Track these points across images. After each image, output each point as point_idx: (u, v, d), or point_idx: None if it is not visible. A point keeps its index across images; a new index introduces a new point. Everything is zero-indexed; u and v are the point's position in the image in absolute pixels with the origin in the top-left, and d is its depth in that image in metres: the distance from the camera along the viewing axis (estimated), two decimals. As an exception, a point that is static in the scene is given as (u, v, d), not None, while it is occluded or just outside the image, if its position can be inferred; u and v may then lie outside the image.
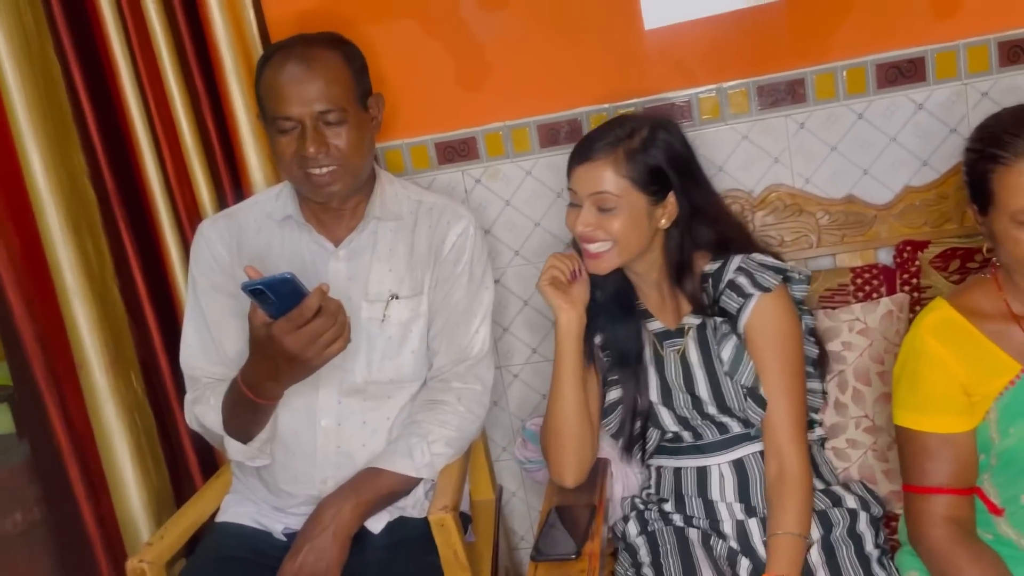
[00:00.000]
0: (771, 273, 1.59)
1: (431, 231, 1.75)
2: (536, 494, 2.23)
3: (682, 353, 1.64)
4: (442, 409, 1.71)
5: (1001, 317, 1.43)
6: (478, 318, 1.76)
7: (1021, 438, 1.38)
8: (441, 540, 1.58)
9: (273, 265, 1.71)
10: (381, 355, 1.71)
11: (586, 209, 1.58)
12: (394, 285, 1.72)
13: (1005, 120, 1.37)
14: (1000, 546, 1.42)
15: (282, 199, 1.76)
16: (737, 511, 1.61)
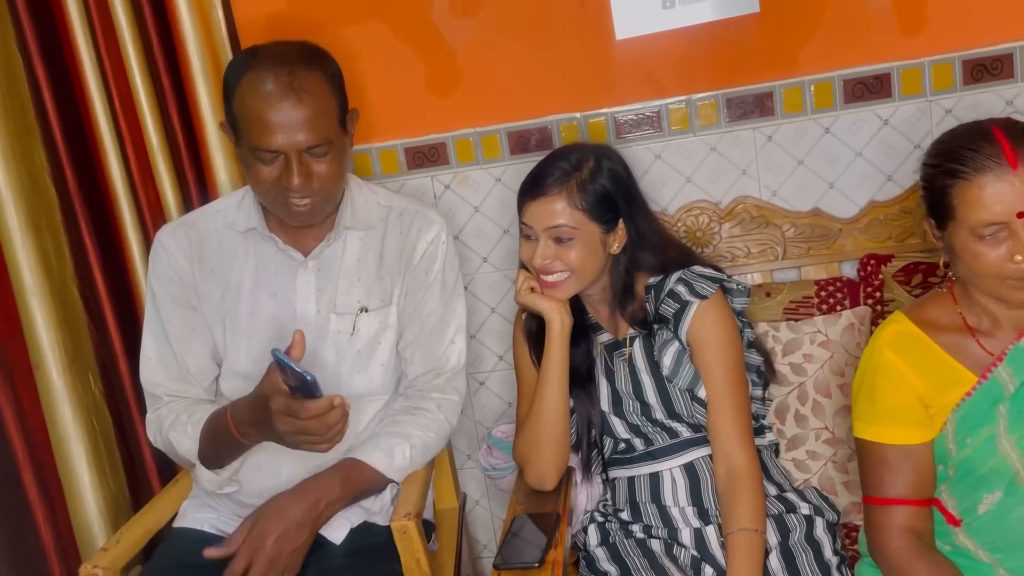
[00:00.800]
0: (708, 282, 1.64)
1: (402, 238, 1.72)
2: (500, 502, 2.22)
3: (629, 361, 1.67)
4: (424, 415, 1.70)
5: (957, 330, 1.45)
6: (452, 328, 1.75)
7: (978, 449, 1.41)
8: (404, 548, 1.56)
9: (237, 276, 1.69)
10: (350, 369, 1.68)
11: (543, 243, 1.61)
12: (363, 297, 1.69)
13: (962, 135, 1.39)
14: (958, 557, 1.44)
15: (245, 209, 1.71)
16: (691, 516, 1.62)
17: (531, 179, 1.65)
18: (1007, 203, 1.31)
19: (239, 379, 1.68)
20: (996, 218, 1.32)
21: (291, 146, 1.52)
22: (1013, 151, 1.31)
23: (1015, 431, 1.39)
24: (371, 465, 1.62)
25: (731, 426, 1.59)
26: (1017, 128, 1.35)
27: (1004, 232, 1.32)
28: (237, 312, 1.69)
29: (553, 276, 1.63)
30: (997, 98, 1.87)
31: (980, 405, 1.41)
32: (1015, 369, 1.40)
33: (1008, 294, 1.37)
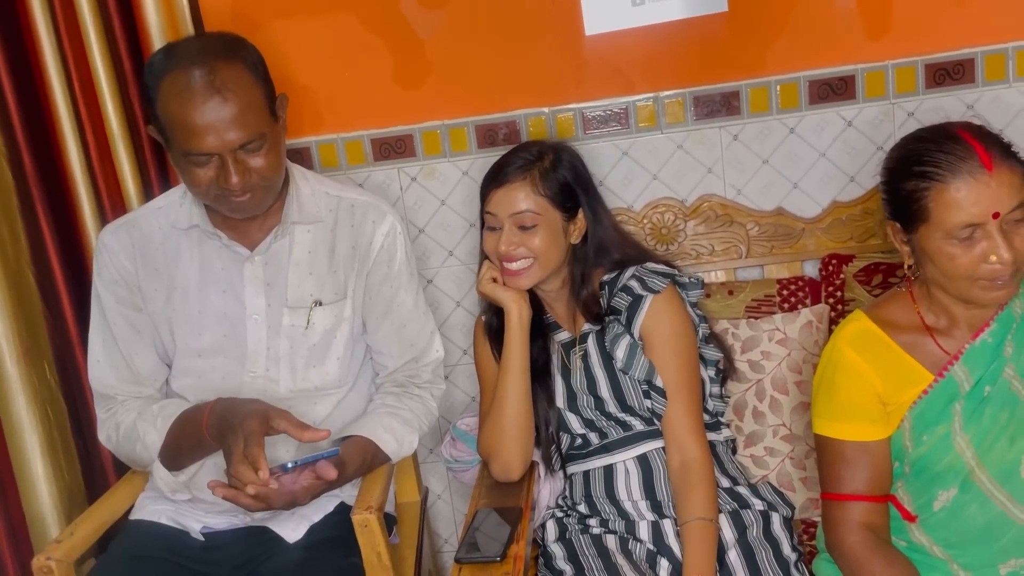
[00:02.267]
0: (660, 277, 1.67)
1: (354, 231, 1.70)
2: (462, 496, 2.22)
3: (584, 357, 1.69)
4: (421, 402, 1.73)
5: (915, 329, 1.48)
6: (423, 312, 1.77)
7: (933, 446, 1.43)
8: (364, 541, 1.55)
9: (183, 275, 1.65)
10: (305, 363, 1.67)
11: (507, 230, 1.65)
12: (315, 290, 1.67)
13: (930, 139, 1.40)
14: (913, 553, 1.46)
15: (186, 205, 1.66)
16: (644, 510, 1.64)
17: (494, 170, 1.70)
18: (984, 205, 1.33)
19: (192, 376, 1.66)
20: (973, 219, 1.34)
21: (223, 146, 1.47)
22: (987, 153, 1.34)
23: (970, 429, 1.41)
24: (384, 451, 1.64)
25: (685, 418, 1.63)
26: (982, 131, 1.38)
27: (979, 233, 1.34)
28: (186, 311, 1.66)
29: (517, 264, 1.66)
30: (958, 102, 1.90)
31: (936, 403, 1.43)
32: (971, 368, 1.43)
33: (978, 295, 1.39)
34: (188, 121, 1.45)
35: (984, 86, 1.90)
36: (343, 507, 1.71)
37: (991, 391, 1.41)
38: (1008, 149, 1.37)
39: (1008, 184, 1.32)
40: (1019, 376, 1.41)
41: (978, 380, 1.42)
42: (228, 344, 1.65)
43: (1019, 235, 1.34)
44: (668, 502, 1.64)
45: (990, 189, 1.32)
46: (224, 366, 1.66)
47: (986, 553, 1.41)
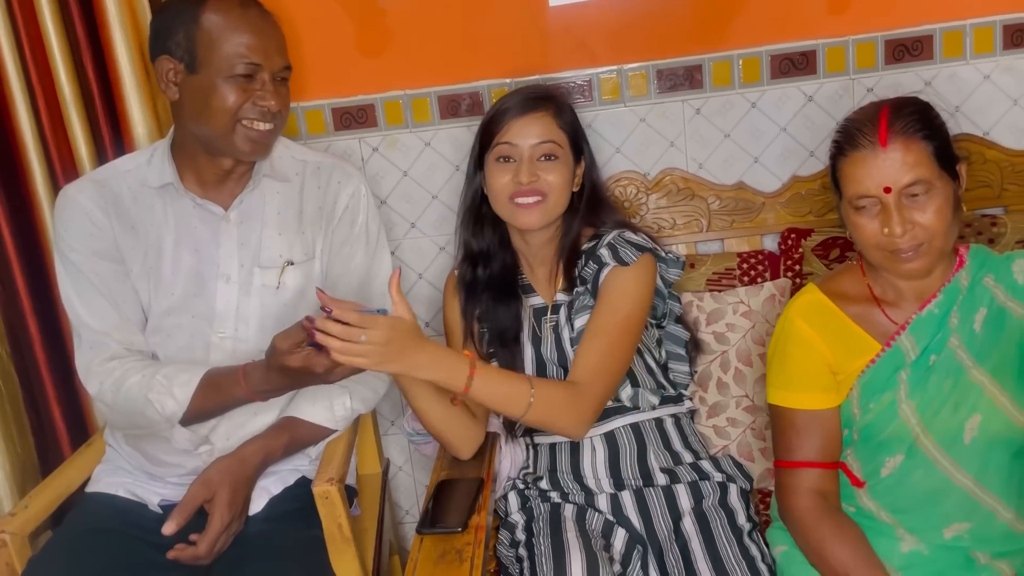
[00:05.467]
0: (632, 249, 1.64)
1: (320, 192, 1.71)
2: (423, 468, 2.22)
3: (555, 328, 1.68)
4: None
5: (864, 300, 1.52)
6: (380, 278, 1.75)
7: (880, 413, 1.47)
8: (326, 513, 1.55)
9: (157, 233, 1.64)
10: (275, 323, 1.65)
11: (528, 161, 1.62)
12: (286, 250, 1.67)
13: (858, 113, 1.47)
14: (861, 518, 1.50)
15: (156, 164, 1.66)
16: (607, 486, 1.65)
17: (513, 100, 1.66)
18: (875, 178, 1.39)
19: (160, 335, 1.65)
20: (866, 191, 1.40)
21: (271, 63, 1.56)
22: (887, 130, 1.39)
23: (915, 397, 1.45)
24: (313, 422, 1.64)
25: (594, 362, 1.57)
26: (906, 109, 1.41)
27: (878, 206, 1.40)
28: (160, 269, 1.64)
29: (532, 200, 1.62)
30: (916, 78, 1.93)
31: (883, 372, 1.47)
32: (917, 337, 1.46)
33: (890, 266, 1.44)
34: (242, 32, 1.54)
35: (942, 62, 1.92)
36: (304, 480, 1.70)
37: (936, 360, 1.45)
38: (927, 127, 1.40)
39: (902, 160, 1.37)
40: (964, 346, 1.45)
41: (924, 349, 1.46)
42: (196, 303, 1.65)
43: (920, 210, 1.38)
44: (632, 477, 1.65)
45: (884, 164, 1.38)
46: (191, 325, 1.65)
47: (931, 517, 1.45)
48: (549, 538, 1.55)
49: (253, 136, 1.57)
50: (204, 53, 1.53)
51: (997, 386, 1.43)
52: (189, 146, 1.62)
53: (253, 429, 1.65)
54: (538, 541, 1.56)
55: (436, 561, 1.45)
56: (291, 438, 1.64)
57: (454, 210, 2.05)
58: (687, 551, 1.55)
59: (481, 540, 1.49)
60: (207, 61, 1.54)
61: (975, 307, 1.46)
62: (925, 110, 1.43)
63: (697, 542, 1.56)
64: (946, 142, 1.42)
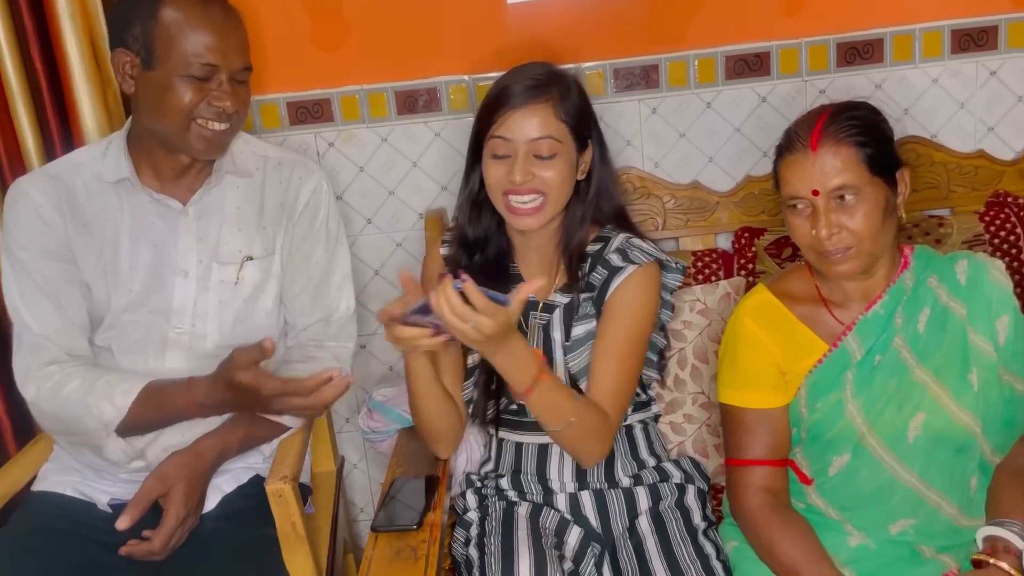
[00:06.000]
0: (644, 255, 1.59)
1: (282, 188, 1.70)
2: (378, 465, 2.21)
3: (546, 328, 1.64)
4: (319, 363, 1.68)
5: (812, 301, 1.54)
6: (338, 275, 1.74)
7: (826, 412, 1.50)
8: (279, 511, 1.54)
9: (113, 229, 1.60)
10: (234, 319, 1.65)
11: (523, 158, 1.51)
12: (245, 246, 1.66)
13: (800, 118, 1.51)
14: (810, 514, 1.52)
15: (112, 158, 1.62)
16: (570, 488, 1.65)
17: (506, 88, 1.53)
18: (805, 181, 1.43)
19: (116, 329, 1.62)
20: (796, 193, 1.44)
21: (228, 64, 1.52)
22: (820, 134, 1.42)
23: (860, 396, 1.48)
24: (270, 418, 1.62)
25: (612, 386, 1.55)
26: (844, 115, 1.44)
27: (809, 208, 1.44)
28: (116, 266, 1.61)
29: (527, 199, 1.52)
30: (867, 81, 1.96)
31: (830, 371, 1.50)
32: (863, 338, 1.49)
33: (820, 265, 1.48)
34: (201, 31, 1.49)
35: (892, 66, 1.96)
36: (257, 479, 1.69)
37: (881, 360, 1.48)
38: (863, 133, 1.43)
39: (831, 165, 1.41)
40: (908, 346, 1.48)
41: (869, 349, 1.49)
42: (154, 298, 1.62)
43: (848, 214, 1.42)
44: (596, 480, 1.64)
45: (813, 167, 1.42)
46: (148, 321, 1.62)
47: (877, 514, 1.48)
48: (500, 537, 1.54)
49: (207, 135, 1.55)
50: (161, 49, 1.50)
51: (940, 385, 1.46)
52: (146, 140, 1.60)
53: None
54: (489, 540, 1.56)
55: (391, 559, 1.45)
56: (247, 433, 1.62)
57: (411, 206, 2.06)
58: (642, 550, 1.56)
59: (436, 538, 1.49)
60: (164, 58, 1.50)
61: (919, 307, 1.50)
62: (866, 116, 1.46)
63: (652, 541, 1.57)
64: (884, 148, 1.45)
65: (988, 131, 2.00)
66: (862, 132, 1.43)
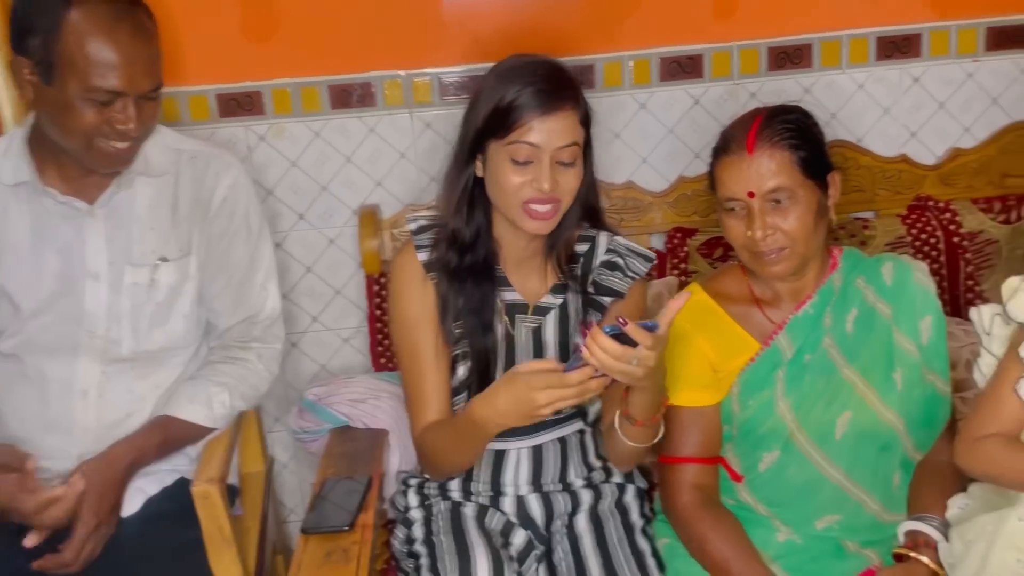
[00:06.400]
0: (641, 260, 1.61)
1: (196, 183, 1.62)
2: (309, 466, 2.17)
3: (537, 332, 1.60)
4: (243, 365, 1.64)
5: (745, 301, 1.57)
6: (262, 272, 1.69)
7: (757, 410, 1.52)
8: (205, 514, 1.50)
9: (13, 236, 1.53)
10: (149, 323, 1.59)
11: (549, 165, 1.45)
12: (159, 246, 1.59)
13: (735, 120, 1.54)
14: (740, 510, 1.55)
15: (11, 159, 1.54)
16: (523, 491, 1.63)
17: (531, 90, 1.44)
18: (740, 183, 1.45)
19: (23, 336, 1.56)
20: (732, 194, 1.47)
21: (134, 87, 1.43)
22: (755, 137, 1.45)
23: (790, 394, 1.51)
24: (190, 421, 1.57)
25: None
26: (778, 119, 1.47)
27: (745, 210, 1.47)
28: (19, 273, 1.54)
29: (547, 207, 1.47)
30: (796, 85, 2.00)
31: (761, 370, 1.53)
32: (793, 337, 1.53)
33: (753, 265, 1.51)
34: (106, 55, 1.40)
35: (820, 71, 2.01)
36: (182, 481, 1.64)
37: (811, 359, 1.51)
38: (796, 137, 1.46)
39: (766, 168, 1.44)
40: (836, 345, 1.52)
41: (799, 348, 1.52)
42: (64, 303, 1.56)
43: (782, 216, 1.45)
44: (550, 483, 1.63)
45: (748, 170, 1.45)
46: (58, 326, 1.56)
47: (804, 510, 1.51)
48: (451, 536, 1.52)
49: (110, 152, 1.47)
50: (62, 67, 1.40)
51: (866, 384, 1.50)
52: (49, 141, 1.50)
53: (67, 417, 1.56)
54: (439, 539, 1.53)
55: (322, 561, 1.43)
56: (165, 438, 1.57)
57: (344, 202, 2.02)
58: (578, 548, 1.57)
59: (368, 539, 1.47)
60: (65, 76, 1.40)
61: (847, 308, 1.53)
62: (799, 120, 1.49)
63: (589, 539, 1.57)
64: (816, 152, 1.49)
65: (911, 136, 2.06)
66: (795, 136, 1.46)
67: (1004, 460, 1.28)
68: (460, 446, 1.50)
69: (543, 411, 1.33)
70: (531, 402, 1.32)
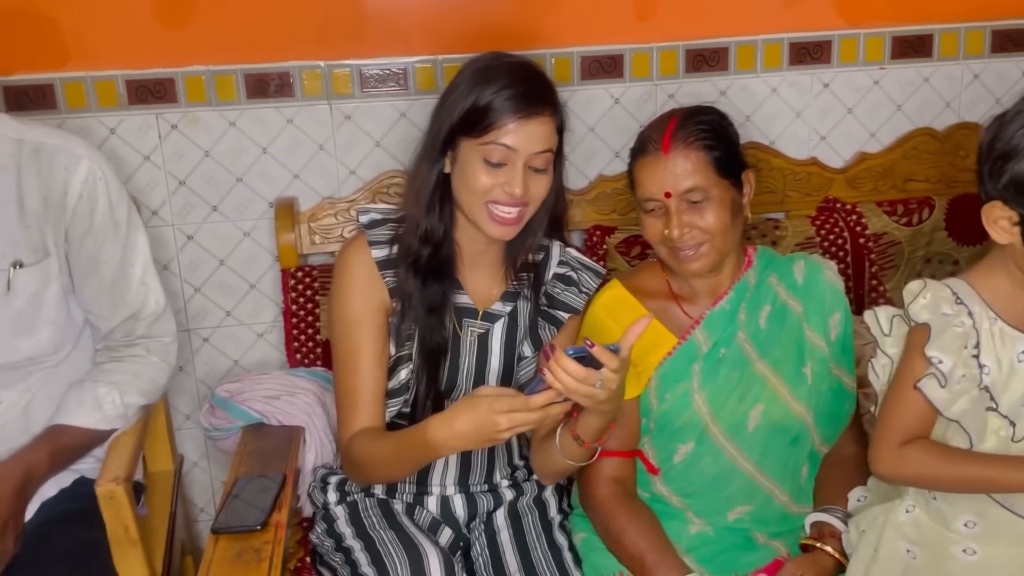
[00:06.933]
0: (592, 274, 1.63)
1: (43, 179, 1.48)
2: (221, 464, 2.12)
3: (484, 338, 1.59)
4: (133, 361, 1.58)
5: (664, 296, 1.61)
6: (138, 267, 1.60)
7: (674, 403, 1.55)
8: (110, 514, 1.45)
9: None
10: (11, 333, 1.49)
11: (521, 170, 1.43)
12: (9, 250, 1.47)
13: (653, 121, 1.57)
14: (654, 503, 1.57)
15: None
16: (449, 492, 1.62)
17: (510, 92, 1.42)
18: (657, 183, 1.49)
19: None
20: (649, 195, 1.50)
21: None
22: (671, 138, 1.48)
23: (706, 387, 1.54)
24: (82, 427, 1.50)
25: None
26: (692, 119, 1.51)
27: (662, 208, 1.50)
28: None
29: (514, 211, 1.45)
30: (713, 88, 2.04)
31: (678, 364, 1.56)
32: (709, 332, 1.56)
33: (671, 262, 1.54)
34: None
35: (736, 74, 2.05)
36: (82, 481, 1.58)
37: (726, 353, 1.55)
38: (711, 138, 1.49)
39: (681, 168, 1.47)
40: (750, 340, 1.56)
41: (715, 343, 1.56)
42: None
43: (698, 214, 1.49)
44: (477, 481, 1.62)
45: (665, 170, 1.48)
46: None
47: (717, 501, 1.55)
48: (392, 530, 1.49)
49: None
50: None
51: (778, 377, 1.55)
52: None
53: None
54: (377, 533, 1.49)
55: (232, 561, 1.39)
56: (56, 448, 1.48)
57: (260, 194, 1.98)
58: (495, 543, 1.57)
59: (282, 538, 1.44)
60: None
61: (761, 304, 1.58)
62: (714, 120, 1.53)
63: (507, 534, 1.57)
64: (731, 151, 1.52)
65: (820, 140, 2.13)
66: (710, 136, 1.49)
67: (936, 466, 1.29)
68: (402, 462, 1.47)
69: (503, 435, 1.31)
70: (493, 425, 1.30)
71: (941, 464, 1.28)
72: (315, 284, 1.89)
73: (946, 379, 1.26)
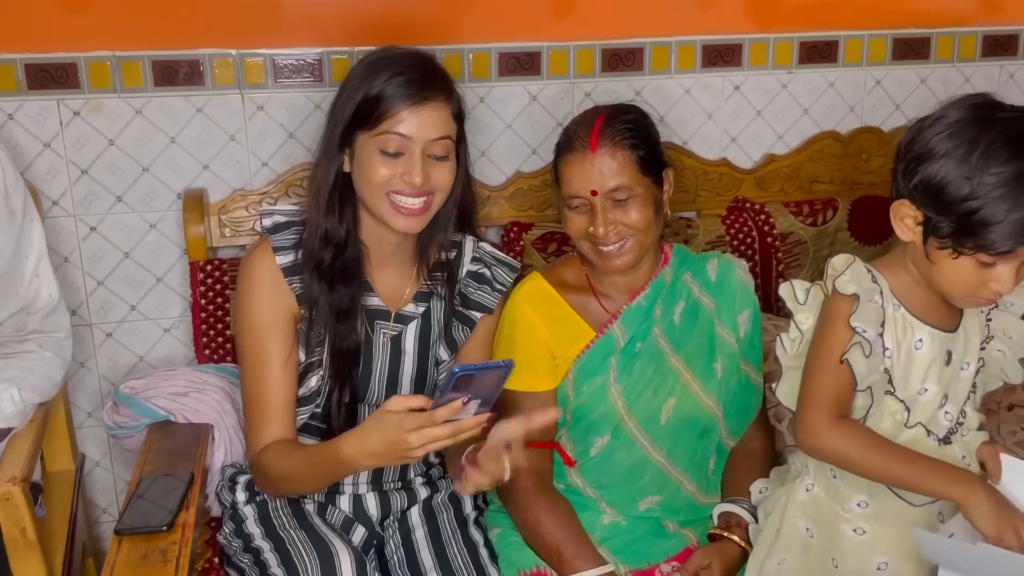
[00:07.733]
0: (507, 269, 1.63)
1: None
2: (125, 463, 2.05)
3: (396, 341, 1.56)
4: (25, 357, 1.52)
5: (583, 290, 1.63)
6: (32, 259, 1.55)
7: (591, 396, 1.58)
8: (6, 516, 1.40)
9: None
10: None
11: (420, 159, 1.41)
12: None
13: (577, 118, 1.58)
14: (570, 494, 1.60)
15: None
16: (361, 490, 1.61)
17: (400, 80, 1.41)
18: (584, 181, 1.51)
19: None
20: (575, 192, 1.52)
21: None
22: (598, 135, 1.51)
23: (622, 381, 1.57)
24: None
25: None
26: (617, 119, 1.53)
27: (587, 206, 1.52)
28: None
29: (417, 202, 1.42)
30: (628, 87, 2.07)
31: (596, 357, 1.58)
32: (626, 326, 1.59)
33: (593, 257, 1.57)
34: None
35: (651, 74, 2.09)
36: None
37: (641, 347, 1.59)
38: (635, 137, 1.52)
39: (608, 167, 1.50)
40: (664, 335, 1.60)
41: (631, 337, 1.59)
42: None
43: (623, 212, 1.51)
44: (391, 479, 1.61)
45: (592, 168, 1.50)
46: None
47: (629, 492, 1.58)
48: (302, 530, 1.46)
49: None
50: None
51: (690, 372, 1.59)
52: None
53: None
54: (288, 533, 1.46)
55: (137, 563, 1.35)
56: None
57: (168, 185, 1.92)
58: (410, 540, 1.56)
59: (189, 539, 1.41)
60: None
61: (675, 300, 1.61)
62: (637, 120, 1.55)
63: (422, 532, 1.57)
64: (653, 150, 1.56)
65: (731, 141, 2.18)
66: (635, 135, 1.52)
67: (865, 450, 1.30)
68: (316, 478, 1.46)
69: (416, 453, 1.28)
70: (404, 443, 1.27)
71: (870, 450, 1.31)
72: (225, 278, 1.85)
73: (871, 347, 1.29)
